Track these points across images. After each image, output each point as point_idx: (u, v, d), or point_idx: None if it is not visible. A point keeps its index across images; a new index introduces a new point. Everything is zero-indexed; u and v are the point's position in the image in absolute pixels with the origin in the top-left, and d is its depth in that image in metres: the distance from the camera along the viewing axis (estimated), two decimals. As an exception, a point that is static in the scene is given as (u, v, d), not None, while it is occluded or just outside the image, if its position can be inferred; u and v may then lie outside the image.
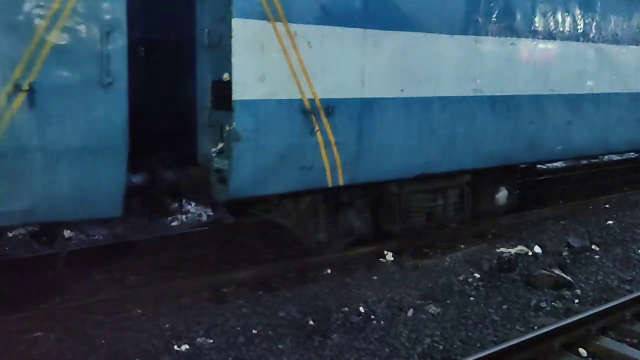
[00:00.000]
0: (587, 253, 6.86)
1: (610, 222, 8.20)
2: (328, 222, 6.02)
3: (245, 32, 4.82)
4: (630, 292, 5.62)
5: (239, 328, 4.69)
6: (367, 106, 5.69)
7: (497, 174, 7.43)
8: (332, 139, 5.48)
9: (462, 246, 6.98)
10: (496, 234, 7.53)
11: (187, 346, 4.41)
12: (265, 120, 5.05)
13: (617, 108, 8.53)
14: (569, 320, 4.74)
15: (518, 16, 6.95)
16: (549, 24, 7.33)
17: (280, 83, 5.10)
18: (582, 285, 5.90)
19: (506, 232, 7.61)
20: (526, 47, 7.07)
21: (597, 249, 7.03)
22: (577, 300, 5.54)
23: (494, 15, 6.69)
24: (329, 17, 5.30)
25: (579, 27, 7.77)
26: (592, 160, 13.39)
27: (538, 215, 8.38)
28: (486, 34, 6.59)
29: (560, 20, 7.49)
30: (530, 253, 6.68)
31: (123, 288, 5.55)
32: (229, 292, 5.52)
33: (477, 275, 6.05)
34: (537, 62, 7.23)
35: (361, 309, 5.12)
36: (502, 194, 7.59)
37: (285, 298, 5.38)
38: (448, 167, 6.56)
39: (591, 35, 7.97)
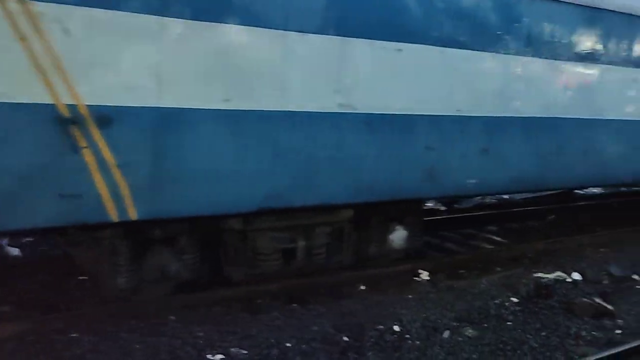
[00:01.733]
0: (629, 283, 6.66)
1: (653, 251, 7.97)
2: (131, 264, 4.94)
3: None
4: (675, 325, 5.43)
5: (272, 340, 4.65)
6: (169, 118, 4.41)
7: (393, 211, 6.24)
8: (110, 159, 4.22)
9: (499, 269, 6.84)
10: (533, 259, 7.37)
11: (221, 356, 4.39)
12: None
13: (557, 135, 7.06)
14: (610, 352, 4.60)
15: (408, 16, 5.56)
16: (455, 25, 5.92)
17: (16, 81, 3.87)
18: (624, 315, 5.72)
19: (543, 257, 7.44)
20: (420, 55, 5.65)
21: (639, 279, 6.82)
22: (619, 331, 5.37)
23: (370, 13, 5.30)
24: None
25: (501, 31, 6.30)
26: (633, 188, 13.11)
27: (576, 242, 8.19)
28: (358, 36, 5.24)
29: (473, 22, 6.04)
30: (569, 280, 6.50)
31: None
32: (263, 304, 5.49)
33: (514, 300, 5.90)
34: (436, 75, 5.83)
35: (396, 328, 5.04)
36: (398, 235, 6.36)
37: (318, 312, 5.33)
38: (305, 200, 5.25)
39: (520, 44, 6.47)
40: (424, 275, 6.47)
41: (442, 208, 10.54)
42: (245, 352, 4.47)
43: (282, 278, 5.74)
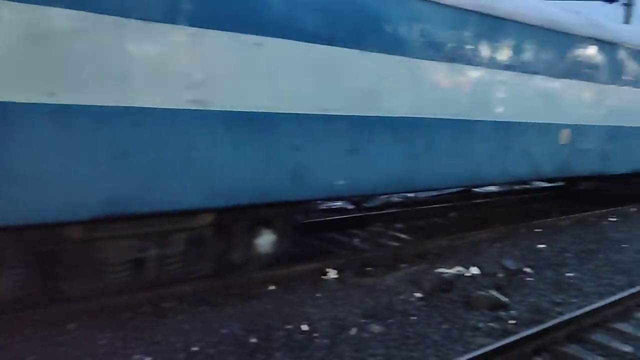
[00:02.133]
0: (521, 275, 7.09)
1: (542, 245, 8.52)
2: None
3: None
4: (561, 314, 5.83)
5: (179, 345, 4.57)
6: None
7: (260, 214, 5.96)
8: None
9: (404, 266, 7.08)
10: (436, 255, 7.69)
11: (124, 363, 4.26)
12: None
13: (427, 136, 7.03)
14: (505, 342, 4.87)
15: (269, 8, 5.25)
16: (321, 20, 5.67)
17: None
18: (517, 306, 6.08)
19: (446, 252, 7.79)
20: (283, 51, 5.40)
21: (531, 271, 7.27)
22: (512, 322, 5.71)
23: (227, 4, 4.98)
24: None
25: (370, 29, 6.14)
26: (525, 186, 14.02)
27: (475, 237, 8.63)
28: (213, 27, 4.88)
29: (341, 18, 5.86)
30: (468, 274, 6.84)
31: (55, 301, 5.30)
32: (169, 308, 5.36)
33: (418, 295, 6.13)
34: (301, 72, 5.59)
35: (304, 327, 5.10)
36: (265, 239, 6.09)
37: (227, 314, 5.29)
38: (155, 206, 4.80)
39: (389, 42, 6.35)
40: (333, 273, 6.59)
41: (350, 207, 10.76)
42: (150, 358, 4.36)
43: (189, 280, 5.64)
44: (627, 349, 5.21)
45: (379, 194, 8.81)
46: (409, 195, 11.86)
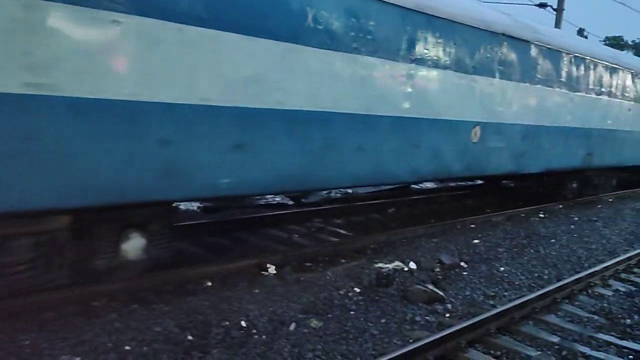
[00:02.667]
0: (457, 269, 7.24)
1: (476, 241, 8.74)
2: None
3: None
4: (494, 307, 5.98)
5: (110, 344, 4.37)
6: None
7: (129, 216, 5.27)
8: None
9: (343, 261, 7.09)
10: (375, 250, 7.75)
11: (50, 365, 4.03)
12: None
13: (327, 131, 6.51)
14: (440, 334, 4.94)
15: None
16: None
17: None
18: (453, 300, 6.20)
19: (384, 247, 7.86)
20: (147, 31, 4.76)
21: (465, 265, 7.44)
22: (448, 315, 5.81)
23: None
24: None
25: (256, 12, 5.57)
26: (459, 183, 14.38)
27: (413, 233, 8.75)
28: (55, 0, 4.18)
29: None
30: (406, 269, 6.91)
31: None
32: (100, 306, 5.14)
33: (357, 290, 6.15)
34: (172, 56, 4.97)
35: (243, 323, 4.99)
36: (134, 244, 5.33)
37: (161, 312, 5.10)
38: None
39: (282, 29, 5.80)
40: (272, 269, 6.51)
41: (290, 202, 10.71)
42: (79, 358, 4.15)
43: (120, 278, 5.41)
44: (555, 339, 5.40)
45: (272, 193, 8.54)
46: (348, 191, 11.93)
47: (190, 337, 4.66)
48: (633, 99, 14.35)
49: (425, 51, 7.80)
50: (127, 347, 4.36)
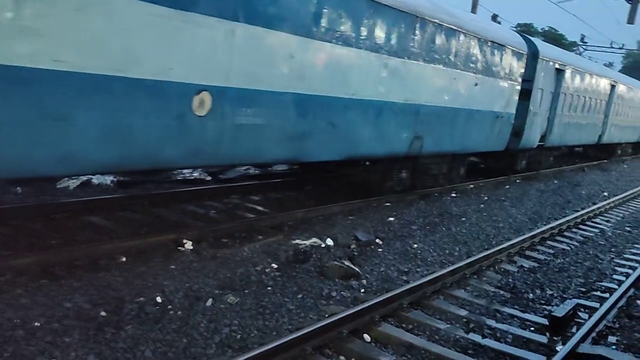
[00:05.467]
0: (372, 246, 7.44)
1: (391, 218, 9.01)
2: None
3: None
4: (407, 282, 6.22)
5: (17, 321, 4.18)
6: None
7: None
8: None
9: (260, 237, 7.10)
10: (292, 226, 7.81)
11: (-51, 344, 3.81)
12: None
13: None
14: (355, 309, 5.09)
15: None
16: None
17: None
18: (368, 275, 6.39)
19: (302, 224, 7.93)
20: None
21: (380, 242, 7.66)
22: (363, 290, 5.98)
23: None
24: None
25: None
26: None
27: (330, 210, 8.87)
28: None
29: None
30: (323, 245, 7.02)
31: None
32: (5, 281, 4.88)
33: (275, 266, 6.19)
34: None
35: (158, 299, 4.91)
36: None
37: (72, 288, 4.93)
38: None
39: None
40: (188, 245, 6.42)
41: (208, 178, 10.56)
42: (-18, 336, 3.95)
43: (27, 252, 5.16)
44: (463, 312, 5.71)
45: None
46: (269, 168, 11.90)
47: (103, 313, 4.54)
48: (481, 71, 11.57)
49: None
50: (37, 324, 4.19)
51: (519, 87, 13.44)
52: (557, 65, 15.34)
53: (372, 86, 8.62)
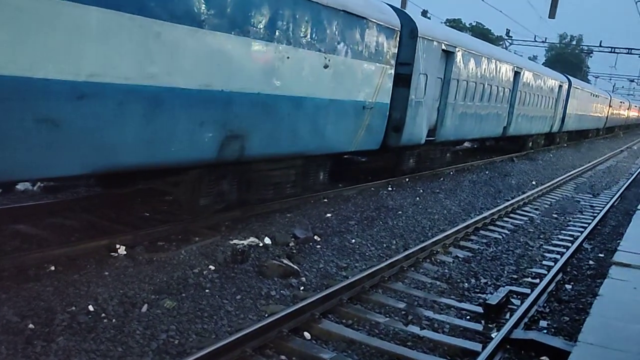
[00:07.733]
0: (311, 243, 7.47)
1: (329, 214, 9.07)
2: None
3: None
4: (346, 277, 6.28)
5: (-64, 338, 3.96)
6: None
7: None
8: None
9: (197, 239, 6.99)
10: (229, 227, 7.72)
11: None
12: None
13: None
14: (294, 307, 5.10)
15: None
16: None
17: None
18: (307, 273, 6.41)
19: (239, 224, 7.85)
20: None
21: (319, 239, 7.70)
22: (302, 288, 6.00)
23: None
24: None
25: None
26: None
27: (267, 208, 8.82)
28: None
29: None
30: (261, 244, 7.00)
31: None
32: None
33: (212, 268, 6.12)
34: None
35: (90, 308, 4.77)
36: None
37: (-3, 300, 4.71)
38: None
39: None
40: (122, 249, 6.24)
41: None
42: None
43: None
44: (401, 305, 5.83)
45: None
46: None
47: (31, 326, 4.36)
48: (334, 50, 9.11)
49: None
50: (-42, 341, 3.98)
51: (391, 71, 10.97)
52: (443, 47, 12.93)
53: (136, 67, 5.78)
